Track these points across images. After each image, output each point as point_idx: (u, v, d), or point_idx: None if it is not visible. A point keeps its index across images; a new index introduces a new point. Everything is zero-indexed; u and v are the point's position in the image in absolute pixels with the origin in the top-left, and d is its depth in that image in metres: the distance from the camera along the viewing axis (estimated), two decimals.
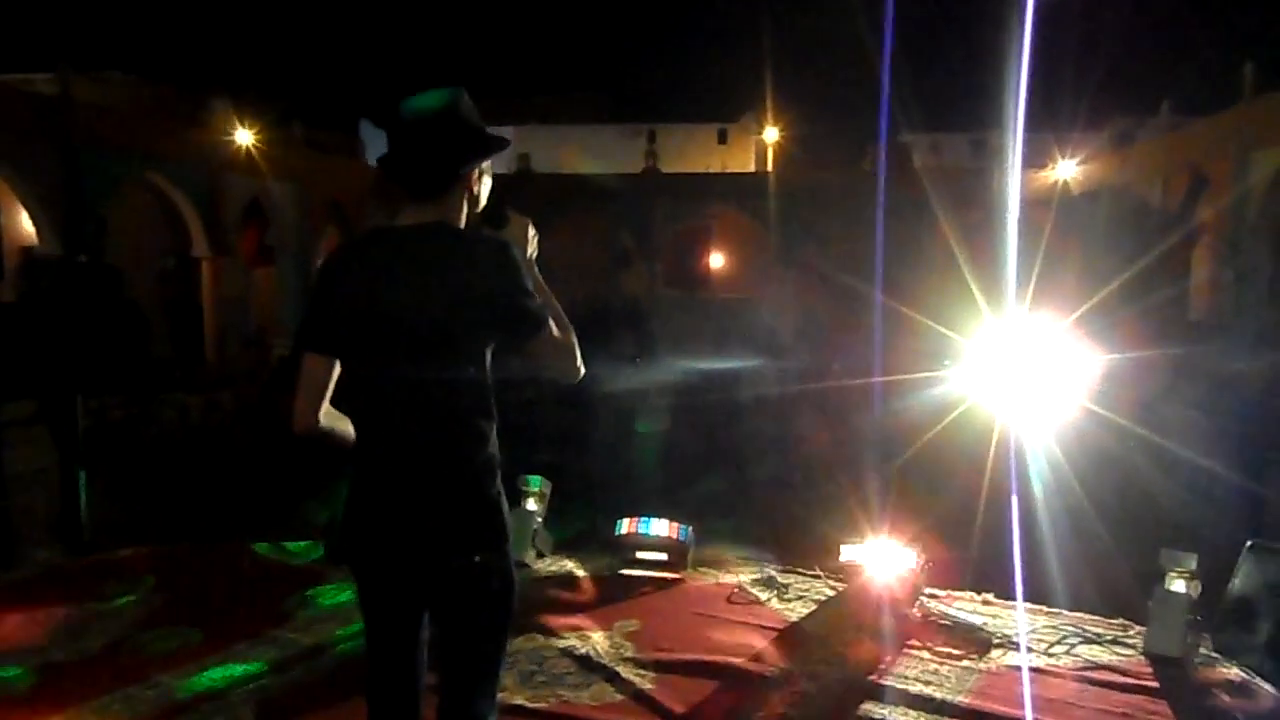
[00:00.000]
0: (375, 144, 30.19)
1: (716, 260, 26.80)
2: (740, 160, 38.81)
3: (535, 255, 2.12)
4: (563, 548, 5.00)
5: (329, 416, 1.98)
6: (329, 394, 1.97)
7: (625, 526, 4.74)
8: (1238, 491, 7.93)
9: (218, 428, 11.81)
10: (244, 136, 18.42)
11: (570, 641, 3.82)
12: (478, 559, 1.91)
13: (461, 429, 1.91)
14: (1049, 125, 22.30)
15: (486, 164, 2.05)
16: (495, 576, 1.94)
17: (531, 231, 2.11)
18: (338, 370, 1.97)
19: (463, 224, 1.99)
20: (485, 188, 2.06)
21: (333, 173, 21.66)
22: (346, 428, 1.99)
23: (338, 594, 4.36)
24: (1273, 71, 14.77)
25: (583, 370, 1.99)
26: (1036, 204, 20.96)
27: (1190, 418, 9.10)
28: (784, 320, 22.23)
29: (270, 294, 20.09)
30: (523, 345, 1.90)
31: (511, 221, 2.09)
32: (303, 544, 5.11)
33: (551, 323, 1.92)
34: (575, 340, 1.98)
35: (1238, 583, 3.73)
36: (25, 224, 14.86)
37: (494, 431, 1.95)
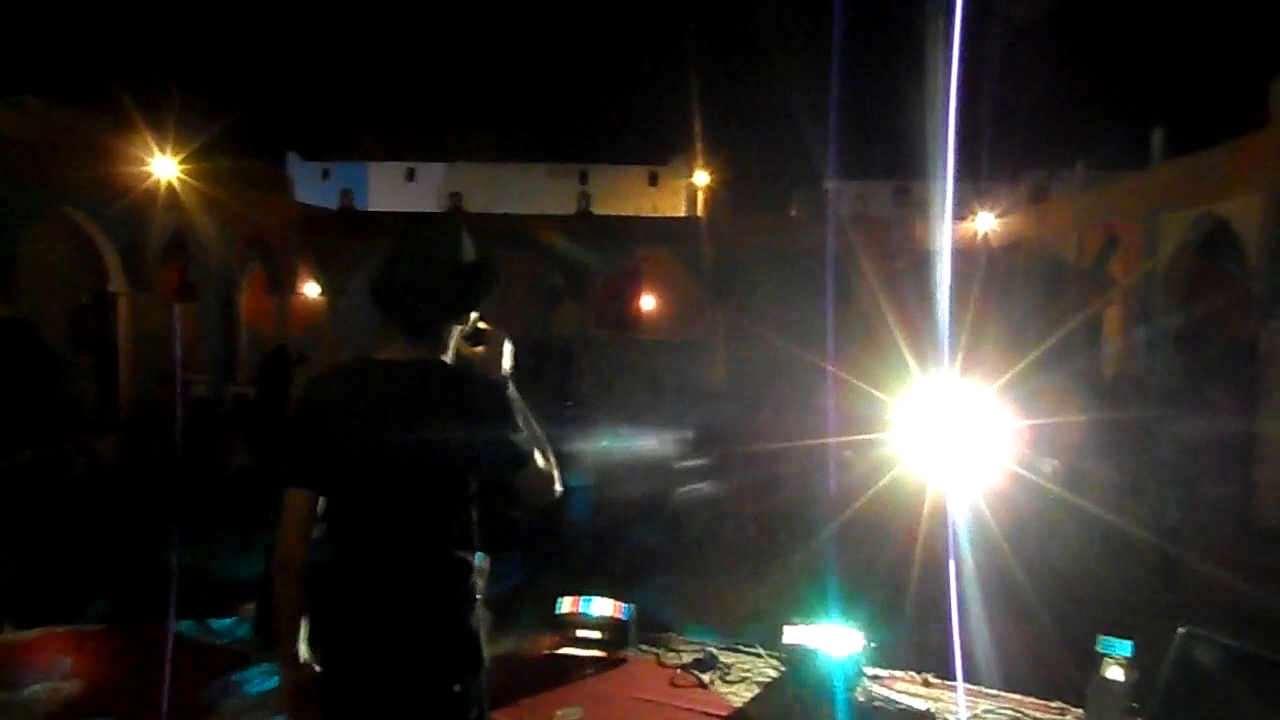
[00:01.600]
0: (302, 178, 29.72)
1: (648, 302, 26.95)
2: (671, 203, 39.23)
3: (512, 369, 2.10)
4: (501, 620, 4.90)
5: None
6: (312, 530, 1.94)
7: (567, 605, 4.66)
8: (1156, 548, 8.22)
9: (130, 473, 11.38)
10: (167, 168, 17.92)
11: None
12: (456, 688, 1.91)
13: (445, 562, 1.90)
14: (969, 176, 23.06)
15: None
16: (472, 706, 1.94)
17: (508, 346, 2.08)
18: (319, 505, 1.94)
19: (450, 356, 1.97)
20: (477, 317, 2.05)
21: (258, 207, 21.17)
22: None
23: (264, 680, 4.18)
24: (1180, 136, 15.52)
25: (559, 490, 1.97)
26: (958, 254, 21.59)
27: (1110, 477, 9.40)
28: (714, 363, 22.43)
29: (192, 331, 19.48)
30: (508, 480, 1.92)
31: (488, 337, 2.06)
32: (227, 620, 4.91)
33: (536, 457, 1.92)
34: (553, 462, 1.98)
35: (1171, 669, 3.81)
36: None
37: (476, 562, 1.95)
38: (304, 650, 1.95)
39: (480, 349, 2.02)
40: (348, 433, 1.88)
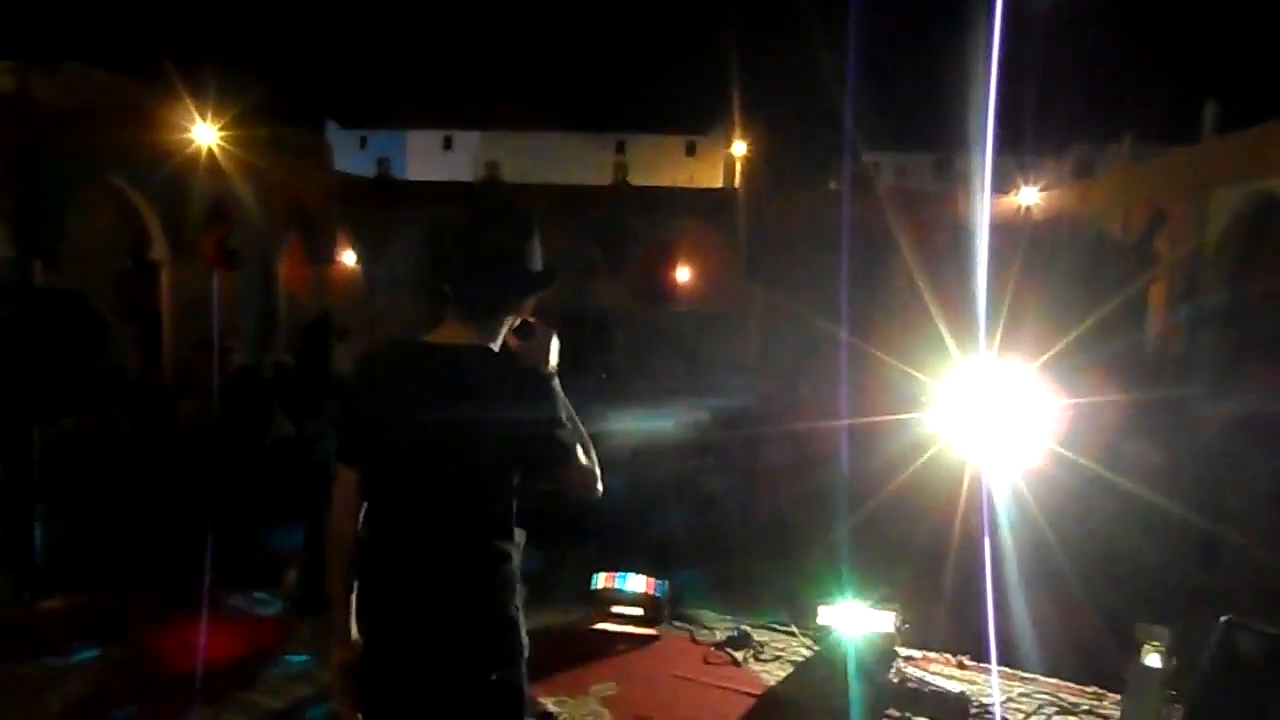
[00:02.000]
0: (340, 147, 29.85)
1: (683, 274, 26.85)
2: (708, 173, 38.94)
3: (557, 364, 2.09)
4: (536, 594, 4.94)
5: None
6: (362, 507, 1.97)
7: (602, 581, 4.69)
8: (1194, 530, 8.10)
9: (176, 439, 11.57)
10: (208, 135, 18.06)
11: (548, 707, 3.76)
12: (494, 676, 1.91)
13: (483, 550, 1.90)
14: (1012, 149, 22.67)
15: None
16: (510, 694, 1.94)
17: (554, 342, 2.07)
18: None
19: (499, 346, 1.97)
20: (531, 311, 2.04)
21: (297, 175, 21.32)
22: None
23: (307, 649, 4.26)
24: (1232, 112, 15.11)
25: (601, 490, 1.97)
26: (1000, 229, 21.26)
27: (1149, 458, 9.26)
28: (748, 337, 22.34)
29: (232, 299, 19.73)
30: (551, 475, 1.91)
31: (536, 331, 2.05)
32: (269, 592, 4.99)
33: (580, 456, 1.91)
34: (596, 461, 1.97)
35: (1211, 658, 3.76)
36: None
37: (516, 551, 1.95)
38: (355, 628, 1.97)
39: (527, 342, 2.02)
40: (392, 414, 1.89)
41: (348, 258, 24.48)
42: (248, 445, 10.77)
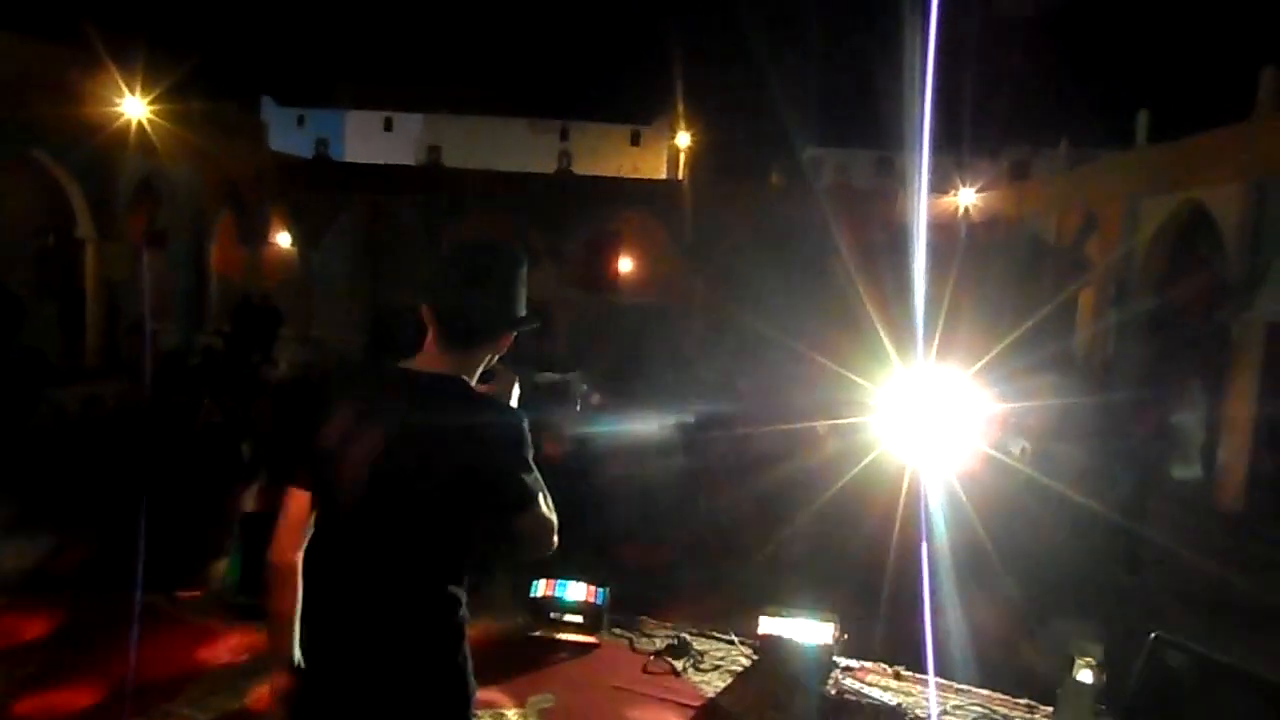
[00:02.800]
0: (277, 124, 29.12)
1: (626, 265, 26.81)
2: (652, 163, 38.92)
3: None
4: (472, 602, 4.87)
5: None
6: (307, 533, 1.89)
7: (542, 588, 4.63)
8: (1121, 531, 8.35)
9: (98, 423, 11.18)
10: (137, 109, 17.43)
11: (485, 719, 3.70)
12: None
13: (432, 591, 1.82)
14: (950, 149, 23.02)
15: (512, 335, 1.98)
16: None
17: (516, 390, 2.00)
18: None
19: (474, 377, 1.90)
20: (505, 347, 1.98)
21: (231, 153, 20.69)
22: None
23: (233, 657, 4.14)
24: (1166, 120, 15.52)
25: (555, 544, 1.89)
26: (938, 229, 21.62)
27: (1078, 461, 9.50)
28: (690, 331, 22.37)
29: (161, 279, 19.12)
30: (510, 518, 1.82)
31: (499, 376, 1.98)
32: (194, 592, 4.84)
33: (540, 503, 1.83)
34: (553, 514, 1.87)
35: (1141, 674, 3.85)
36: None
37: (464, 597, 1.87)
38: (298, 653, 1.89)
39: (489, 385, 1.95)
40: (353, 438, 1.81)
41: (283, 239, 23.90)
42: (176, 432, 10.45)
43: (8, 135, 14.56)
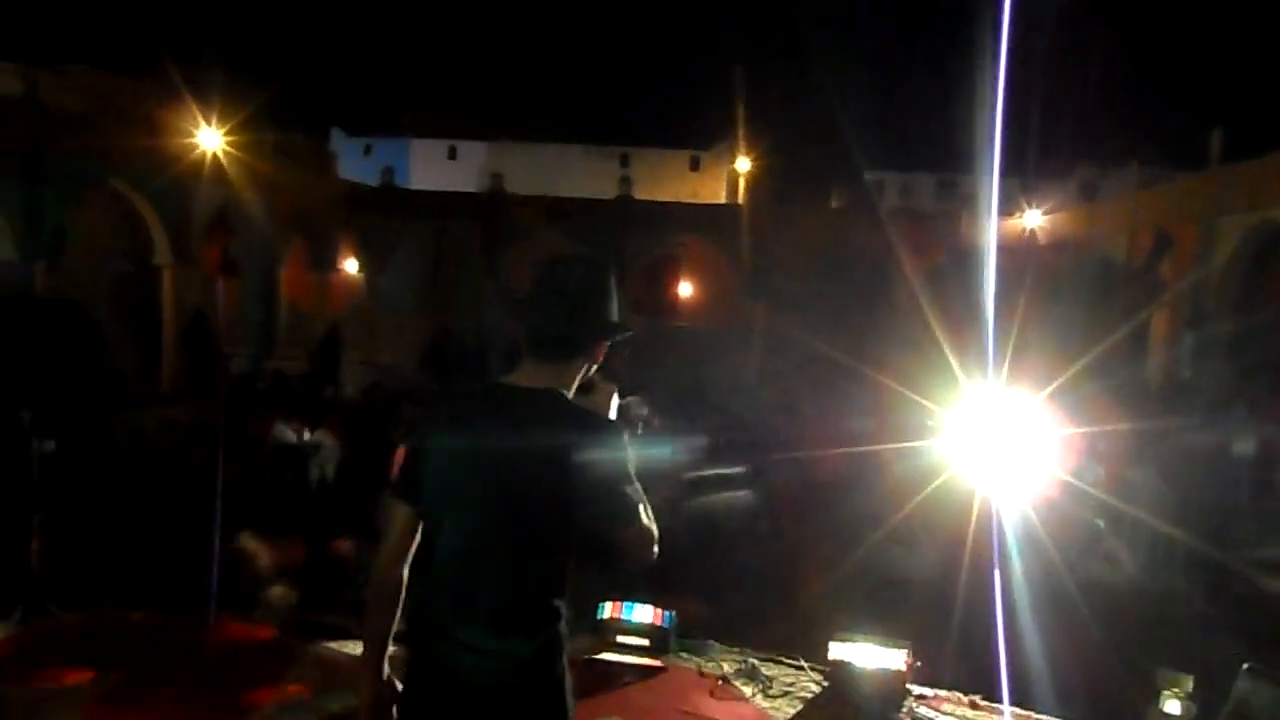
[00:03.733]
0: (345, 154, 29.86)
1: (685, 289, 26.84)
2: (712, 188, 38.96)
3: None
4: None
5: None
6: (411, 549, 1.93)
7: (608, 610, 4.60)
8: (1202, 560, 8.03)
9: (173, 448, 11.47)
10: (212, 140, 18.03)
11: None
12: None
13: (533, 605, 1.83)
14: (1016, 171, 22.68)
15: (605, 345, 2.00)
16: None
17: (616, 400, 2.02)
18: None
19: (572, 390, 1.91)
20: (601, 359, 1.99)
21: (301, 182, 21.30)
22: None
23: (302, 676, 4.18)
24: (1240, 139, 15.14)
25: (655, 555, 1.88)
26: (1004, 251, 21.25)
27: (1157, 487, 9.20)
28: (750, 356, 22.27)
29: (233, 306, 19.68)
30: (612, 530, 1.81)
31: (597, 389, 2.00)
32: (265, 611, 4.91)
33: (643, 516, 1.82)
34: (653, 524, 1.86)
35: (1232, 707, 3.69)
36: None
37: (562, 606, 1.88)
38: (386, 668, 1.92)
39: (587, 398, 1.96)
40: (459, 452, 1.85)
41: (350, 266, 24.44)
42: (246, 453, 10.69)
43: (89, 165, 15.16)
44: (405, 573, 1.93)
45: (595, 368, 1.99)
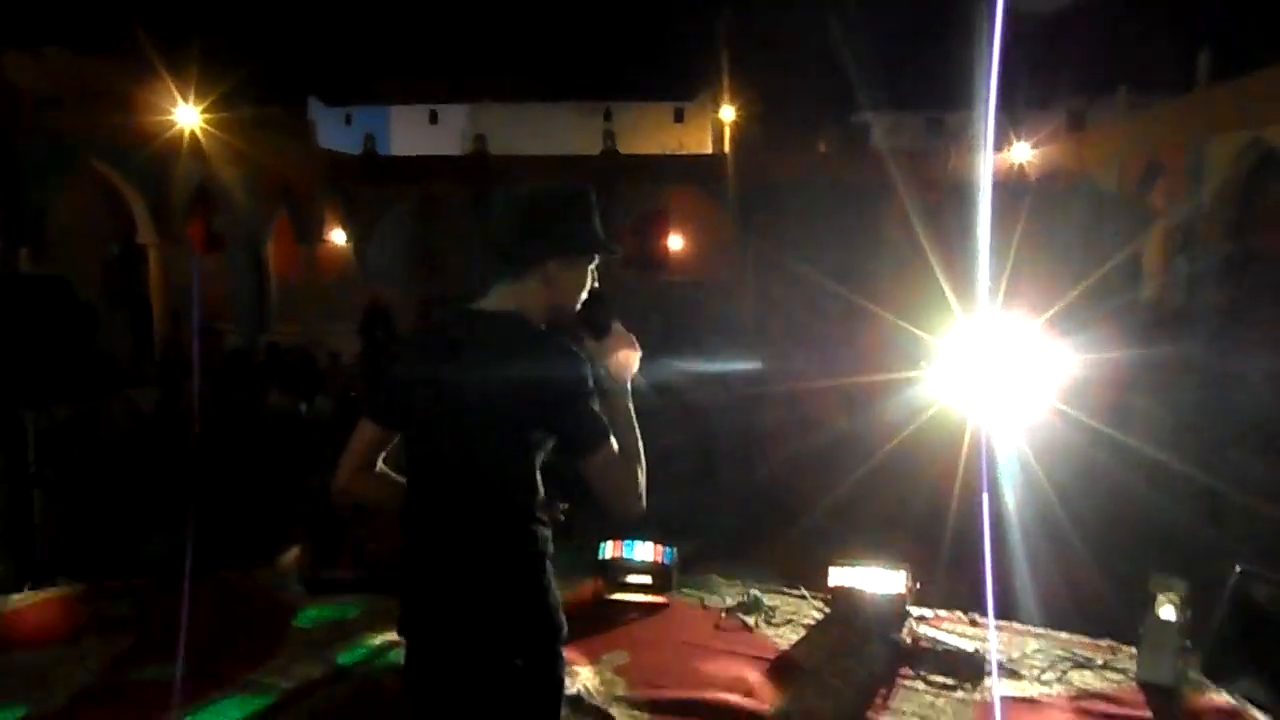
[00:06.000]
0: (325, 124, 29.53)
1: (675, 242, 26.73)
2: (697, 139, 38.64)
3: (635, 372, 2.00)
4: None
5: (377, 485, 2.01)
6: (375, 461, 1.99)
7: (609, 550, 4.64)
8: (1198, 486, 8.09)
9: (170, 424, 11.49)
10: (190, 117, 17.82)
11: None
12: (518, 662, 1.84)
13: (504, 521, 1.84)
14: (1004, 105, 22.50)
15: (590, 266, 1.97)
16: (535, 681, 1.87)
17: (635, 351, 1.98)
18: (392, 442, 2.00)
19: (543, 318, 1.91)
20: (577, 287, 1.95)
21: (281, 155, 21.09)
22: (380, 496, 2.02)
23: (315, 628, 4.23)
24: (1227, 59, 14.95)
25: (643, 506, 1.87)
26: (993, 186, 21.13)
27: (1152, 412, 9.24)
28: (743, 304, 22.25)
29: (222, 282, 19.58)
30: (577, 460, 1.81)
31: (613, 334, 1.97)
32: (274, 569, 4.94)
33: (613, 445, 1.81)
34: (642, 475, 1.85)
35: (1226, 609, 3.73)
36: None
37: (541, 530, 1.88)
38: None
39: (600, 342, 1.95)
40: (419, 371, 1.90)
41: (337, 236, 24.29)
42: (244, 424, 10.71)
43: (70, 147, 14.99)
44: (366, 486, 2.01)
45: (595, 304, 1.97)
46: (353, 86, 42.45)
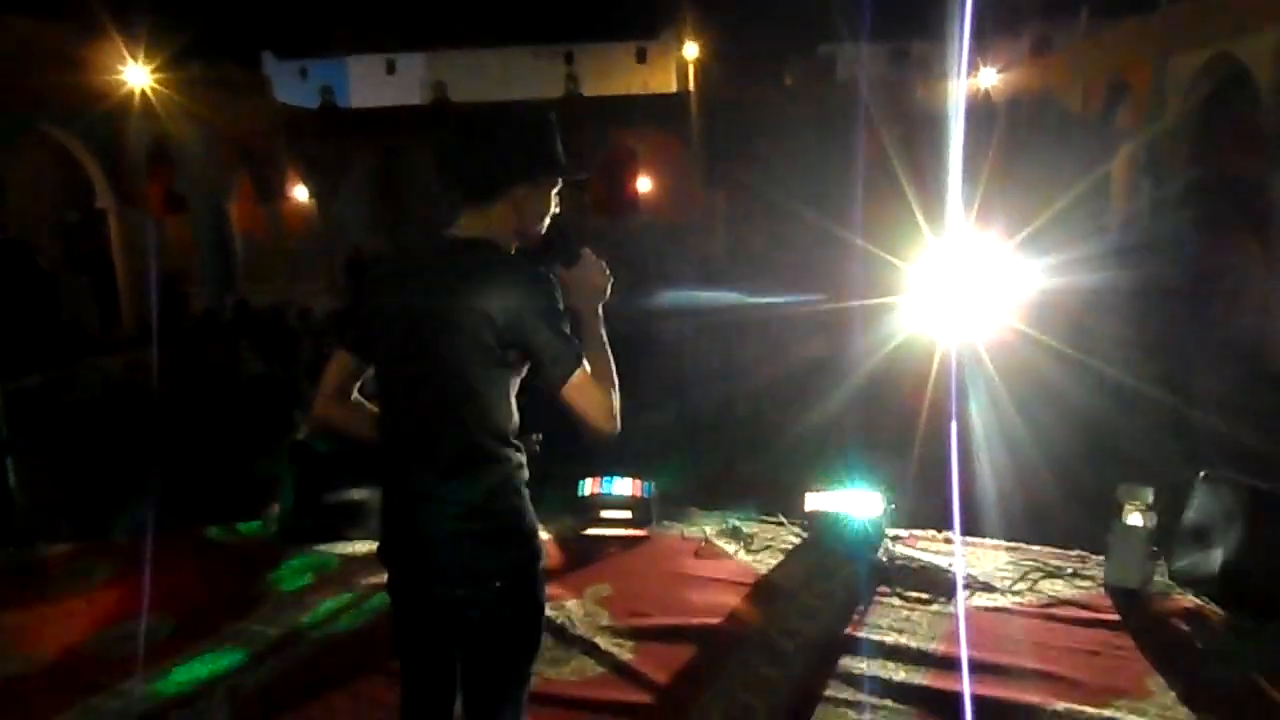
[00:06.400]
0: (280, 78, 28.88)
1: (644, 185, 26.51)
2: (661, 80, 38.16)
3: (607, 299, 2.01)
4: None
5: (351, 413, 2.02)
6: (350, 390, 2.01)
7: (588, 487, 4.68)
8: (1163, 405, 8.24)
9: (141, 388, 11.40)
10: (140, 77, 17.37)
11: (546, 611, 3.77)
12: (497, 584, 1.86)
13: (480, 444, 1.84)
14: (970, 31, 22.32)
15: (554, 191, 1.95)
16: (515, 604, 1.90)
17: (607, 276, 1.99)
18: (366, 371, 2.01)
19: (511, 243, 1.91)
20: (541, 212, 1.94)
21: (239, 112, 20.62)
22: (355, 423, 2.03)
23: (297, 578, 4.26)
24: None
25: (617, 427, 1.87)
26: (959, 114, 21.06)
27: (1119, 333, 9.37)
28: (714, 243, 22.21)
29: (185, 243, 19.27)
30: (550, 381, 1.81)
31: (583, 260, 1.97)
32: (254, 524, 4.95)
33: (586, 368, 1.82)
34: (615, 396, 1.86)
35: (1192, 513, 3.84)
36: None
37: (510, 451, 1.88)
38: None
39: (572, 271, 1.95)
40: (387, 297, 1.90)
41: (299, 193, 23.90)
42: (218, 384, 10.65)
43: (16, 111, 14.58)
44: (341, 414, 2.02)
45: (561, 231, 1.96)
46: (307, 38, 41.43)
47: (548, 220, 1.96)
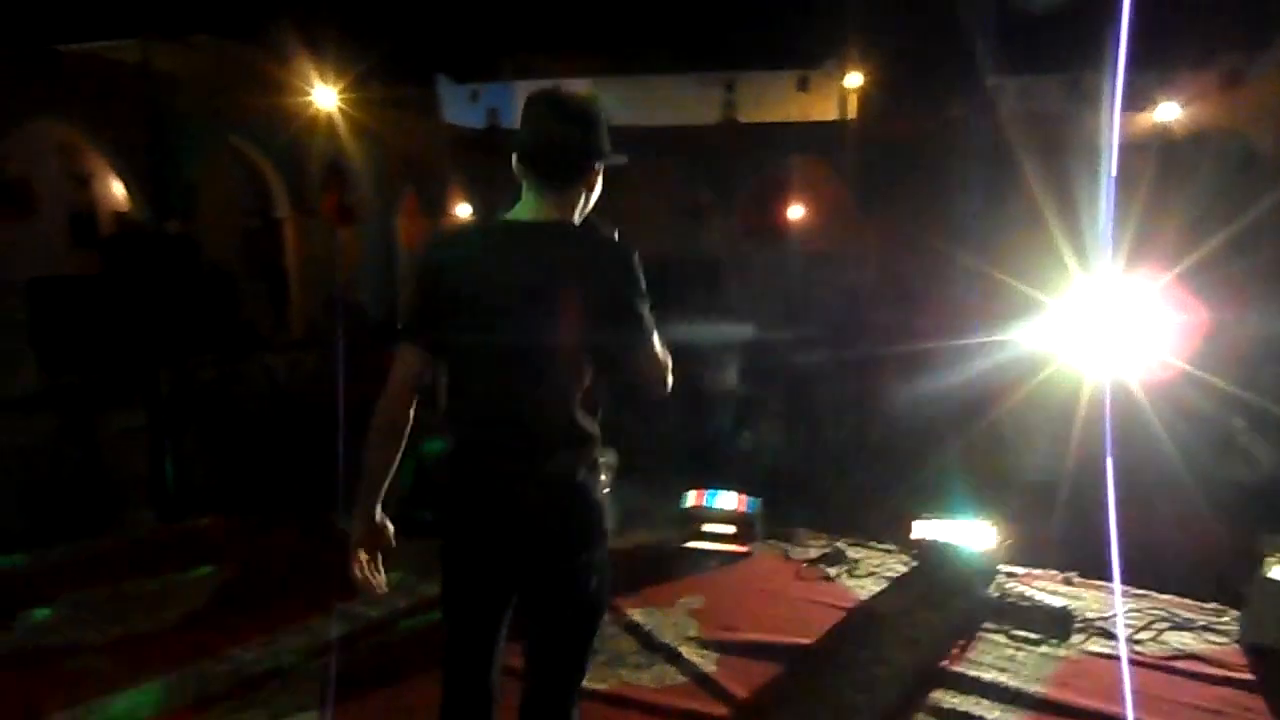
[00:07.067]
0: (454, 102, 30.29)
1: (795, 212, 26.26)
2: (822, 108, 37.75)
3: None
4: (629, 520, 4.96)
5: (410, 411, 1.95)
6: (415, 390, 1.93)
7: (692, 499, 4.67)
8: None
9: (301, 388, 12.12)
10: (327, 98, 18.59)
11: (634, 618, 3.78)
12: (587, 557, 1.91)
13: (562, 425, 1.86)
14: (1152, 63, 21.18)
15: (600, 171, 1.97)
16: (592, 576, 1.93)
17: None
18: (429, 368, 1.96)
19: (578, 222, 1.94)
20: (597, 194, 1.98)
21: (409, 131, 21.74)
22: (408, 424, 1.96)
23: (404, 568, 4.41)
24: None
25: (668, 390, 1.93)
26: (1136, 149, 19.94)
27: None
28: (864, 275, 21.74)
29: (352, 254, 20.42)
30: (627, 352, 1.86)
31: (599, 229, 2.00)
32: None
33: (657, 342, 1.87)
34: (669, 360, 1.92)
35: None
36: (119, 192, 15.34)
37: (596, 429, 1.91)
38: (380, 511, 1.97)
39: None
40: (462, 287, 1.87)
41: (462, 210, 24.91)
42: (373, 388, 11.18)
43: (214, 127, 15.89)
44: (410, 415, 1.94)
45: (590, 204, 1.97)
46: (480, 65, 43.31)
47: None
